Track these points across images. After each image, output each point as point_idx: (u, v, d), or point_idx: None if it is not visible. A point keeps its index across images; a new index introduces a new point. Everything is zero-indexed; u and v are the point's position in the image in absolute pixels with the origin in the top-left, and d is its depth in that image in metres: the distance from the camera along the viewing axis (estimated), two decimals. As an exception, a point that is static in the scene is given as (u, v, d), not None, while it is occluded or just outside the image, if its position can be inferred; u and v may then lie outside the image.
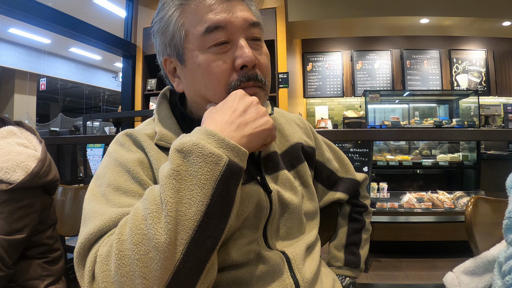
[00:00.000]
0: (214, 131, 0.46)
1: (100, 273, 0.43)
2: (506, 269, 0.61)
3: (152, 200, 0.43)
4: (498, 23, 4.28)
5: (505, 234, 0.66)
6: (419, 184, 3.98)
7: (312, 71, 5.38)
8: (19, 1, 3.05)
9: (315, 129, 0.83)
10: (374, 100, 4.35)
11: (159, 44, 0.62)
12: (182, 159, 0.44)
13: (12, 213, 0.84)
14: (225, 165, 0.44)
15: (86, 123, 3.36)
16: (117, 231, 0.44)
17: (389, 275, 2.16)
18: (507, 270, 0.61)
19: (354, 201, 0.88)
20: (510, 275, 0.60)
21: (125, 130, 0.63)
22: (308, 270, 0.63)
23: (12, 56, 8.78)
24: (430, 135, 2.10)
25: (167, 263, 0.41)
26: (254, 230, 0.61)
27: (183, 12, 0.58)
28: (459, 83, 5.13)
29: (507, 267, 0.61)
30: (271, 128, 0.52)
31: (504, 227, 0.66)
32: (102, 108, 13.58)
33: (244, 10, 0.58)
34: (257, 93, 0.57)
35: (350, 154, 2.61)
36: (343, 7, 4.14)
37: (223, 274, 0.57)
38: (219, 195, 0.44)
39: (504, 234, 0.66)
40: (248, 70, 0.57)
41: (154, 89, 4.56)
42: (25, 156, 0.87)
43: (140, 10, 4.78)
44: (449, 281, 0.77)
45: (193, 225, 0.42)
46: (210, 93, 0.57)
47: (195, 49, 0.57)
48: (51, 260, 0.98)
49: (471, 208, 0.83)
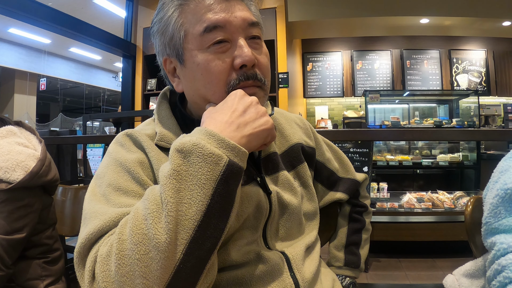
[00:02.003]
0: (214, 131, 0.46)
1: (100, 273, 0.43)
2: (491, 274, 0.61)
3: (153, 200, 0.43)
4: (498, 23, 4.28)
5: (484, 240, 0.67)
6: (419, 184, 3.98)
7: (312, 71, 5.38)
8: (19, 1, 3.05)
9: (315, 129, 0.83)
10: (374, 100, 4.35)
11: (159, 45, 0.62)
12: (182, 159, 0.44)
13: (12, 212, 0.84)
14: (225, 165, 0.44)
15: (86, 123, 3.36)
16: (118, 231, 0.44)
17: (389, 275, 2.16)
18: (491, 275, 0.61)
19: (354, 201, 0.88)
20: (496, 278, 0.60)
21: (125, 130, 0.63)
22: (308, 270, 0.63)
23: (12, 56, 8.77)
24: (430, 135, 2.09)
25: (167, 263, 0.41)
26: (253, 231, 0.61)
27: (183, 12, 0.58)
28: (459, 83, 5.13)
29: (491, 272, 0.61)
30: (271, 128, 0.52)
31: (483, 234, 0.67)
32: (102, 108, 13.57)
33: (243, 10, 0.58)
34: (256, 93, 0.57)
35: (350, 154, 2.61)
36: (343, 7, 4.14)
37: (223, 274, 0.57)
38: (219, 195, 0.44)
39: (484, 240, 0.67)
40: (247, 70, 0.57)
41: (154, 89, 4.56)
42: (25, 155, 0.87)
43: (140, 10, 4.78)
44: (449, 283, 0.77)
45: (193, 225, 0.42)
46: (209, 93, 0.57)
47: (194, 49, 0.57)
48: (51, 260, 0.98)
49: (471, 208, 0.83)
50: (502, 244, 0.61)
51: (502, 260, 0.60)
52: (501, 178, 0.67)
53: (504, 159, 0.72)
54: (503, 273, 0.58)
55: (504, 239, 0.62)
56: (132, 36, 4.71)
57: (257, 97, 0.55)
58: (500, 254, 0.61)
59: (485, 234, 0.67)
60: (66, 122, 10.81)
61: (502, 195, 0.64)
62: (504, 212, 0.64)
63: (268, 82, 0.61)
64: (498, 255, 0.61)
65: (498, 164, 0.73)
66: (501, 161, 0.72)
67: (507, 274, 0.58)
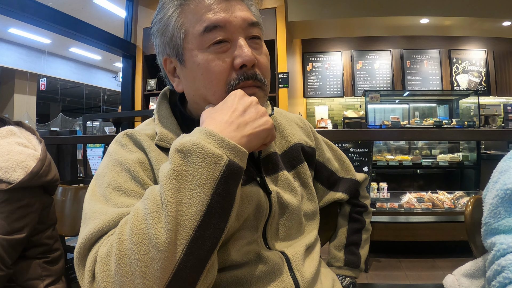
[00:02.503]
0: (214, 131, 0.46)
1: (100, 273, 0.43)
2: (490, 274, 0.62)
3: (152, 200, 0.43)
4: (498, 23, 4.28)
5: (484, 240, 0.67)
6: (419, 184, 3.98)
7: (312, 71, 5.38)
8: (19, 1, 3.05)
9: (315, 129, 0.83)
10: (374, 100, 4.35)
11: (159, 44, 0.62)
12: (182, 159, 0.44)
13: (12, 212, 0.84)
14: (225, 165, 0.44)
15: (86, 123, 3.36)
16: (117, 231, 0.44)
17: (389, 275, 2.16)
18: (491, 276, 0.61)
19: (354, 201, 0.88)
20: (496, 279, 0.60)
21: (125, 130, 0.63)
22: (308, 270, 0.63)
23: (12, 56, 8.77)
24: (430, 135, 2.09)
25: (167, 263, 0.41)
26: (253, 231, 0.61)
27: (183, 12, 0.58)
28: (459, 83, 5.13)
29: (491, 273, 0.61)
30: (270, 128, 0.52)
31: (483, 234, 0.68)
32: (102, 108, 13.57)
33: (243, 10, 0.58)
34: (256, 93, 0.57)
35: (350, 154, 2.61)
36: (343, 7, 4.14)
37: (223, 274, 0.57)
38: (219, 195, 0.44)
39: (483, 240, 0.67)
40: (247, 70, 0.57)
41: (154, 89, 4.56)
42: (24, 155, 0.87)
43: (140, 10, 4.78)
44: (449, 283, 0.77)
45: (193, 225, 0.42)
46: (209, 93, 0.57)
47: (194, 48, 0.57)
48: (51, 260, 0.98)
49: (471, 208, 0.83)
50: (502, 244, 0.61)
51: (502, 260, 0.60)
52: (501, 179, 0.67)
53: (504, 160, 0.72)
54: (503, 273, 0.59)
55: (504, 239, 0.62)
56: (132, 36, 4.71)
57: (256, 97, 0.55)
58: (500, 255, 0.61)
59: (485, 234, 0.67)
60: (66, 122, 10.81)
61: (502, 196, 0.64)
62: (504, 213, 0.64)
63: (268, 83, 0.61)
64: (498, 256, 0.61)
65: (498, 164, 0.73)
66: (501, 162, 0.72)
67: (506, 275, 0.58)
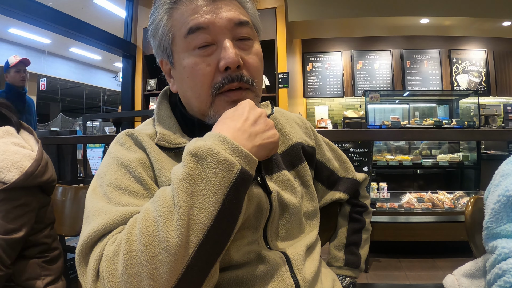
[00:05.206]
0: (228, 138, 0.47)
1: (106, 272, 0.43)
2: (491, 278, 0.62)
3: (164, 202, 0.44)
4: (498, 23, 4.28)
5: (485, 243, 0.67)
6: (419, 184, 3.98)
7: (312, 71, 5.38)
8: (19, 1, 3.05)
9: (315, 129, 0.83)
10: (374, 100, 4.35)
11: (154, 47, 0.63)
12: (196, 163, 0.45)
13: (9, 212, 0.84)
14: (238, 172, 0.45)
15: (86, 123, 3.36)
16: (126, 231, 0.44)
17: (389, 275, 2.16)
18: (492, 279, 0.61)
19: (354, 201, 0.88)
20: (496, 282, 0.60)
21: (125, 130, 0.63)
22: (308, 270, 0.63)
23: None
24: (430, 135, 2.09)
25: (176, 265, 0.41)
26: (254, 231, 0.61)
27: (171, 15, 0.58)
28: (459, 83, 5.13)
29: (492, 276, 0.62)
30: (277, 141, 0.53)
31: (484, 237, 0.68)
32: (102, 108, 13.57)
33: (231, 10, 0.57)
34: (244, 96, 0.57)
35: (350, 154, 2.61)
36: (343, 7, 4.14)
37: (224, 274, 0.57)
38: (230, 201, 0.44)
39: (485, 244, 0.68)
40: (232, 72, 0.56)
41: (154, 89, 4.56)
42: (20, 155, 0.87)
43: (140, 10, 4.78)
44: (449, 283, 0.77)
45: (203, 229, 0.42)
46: (194, 96, 0.58)
47: (181, 51, 0.58)
48: (50, 259, 0.98)
49: (471, 208, 0.83)
50: (504, 248, 0.61)
51: (503, 264, 0.60)
52: (503, 183, 0.67)
53: (506, 163, 0.72)
54: (504, 277, 0.59)
55: (505, 243, 0.62)
56: (132, 36, 4.71)
57: (247, 98, 0.56)
58: (501, 259, 0.61)
59: (486, 238, 0.67)
60: (66, 122, 10.80)
61: (504, 202, 0.64)
62: (506, 218, 0.64)
63: (258, 83, 0.60)
64: (499, 259, 0.61)
65: (500, 166, 0.73)
66: (503, 164, 0.72)
67: (507, 279, 0.58)
